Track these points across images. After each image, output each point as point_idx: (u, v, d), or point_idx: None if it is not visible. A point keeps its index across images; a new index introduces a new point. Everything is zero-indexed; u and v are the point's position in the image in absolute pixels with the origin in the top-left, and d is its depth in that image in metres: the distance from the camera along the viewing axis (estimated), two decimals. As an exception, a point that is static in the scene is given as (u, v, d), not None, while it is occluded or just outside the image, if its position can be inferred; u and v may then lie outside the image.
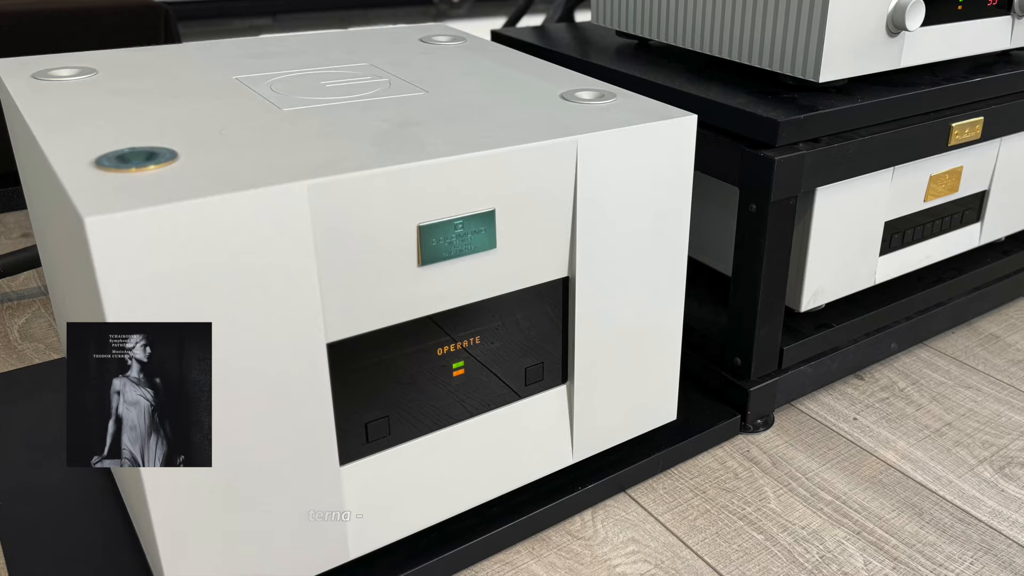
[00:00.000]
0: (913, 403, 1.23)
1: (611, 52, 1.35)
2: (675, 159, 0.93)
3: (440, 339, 0.86)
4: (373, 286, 0.78)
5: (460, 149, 0.80)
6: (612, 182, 0.89)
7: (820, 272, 1.16)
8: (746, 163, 1.05)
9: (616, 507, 1.03)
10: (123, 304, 0.65)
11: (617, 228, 0.91)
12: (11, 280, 1.54)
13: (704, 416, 1.14)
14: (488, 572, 0.94)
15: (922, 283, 1.34)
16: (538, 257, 0.88)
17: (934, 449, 1.13)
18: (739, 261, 1.10)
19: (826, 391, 1.26)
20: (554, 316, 0.92)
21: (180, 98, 0.91)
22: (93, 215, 0.63)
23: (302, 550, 0.81)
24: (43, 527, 0.93)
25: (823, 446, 1.14)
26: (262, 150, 0.77)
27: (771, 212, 1.04)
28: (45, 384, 1.17)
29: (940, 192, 1.27)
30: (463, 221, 0.81)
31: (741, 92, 1.12)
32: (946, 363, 1.32)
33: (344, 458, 0.83)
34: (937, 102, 1.17)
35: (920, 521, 1.01)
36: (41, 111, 0.86)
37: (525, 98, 0.95)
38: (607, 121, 0.89)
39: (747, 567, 0.95)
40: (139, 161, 0.73)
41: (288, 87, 0.96)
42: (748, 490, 1.06)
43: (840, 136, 1.08)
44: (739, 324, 1.13)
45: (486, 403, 0.92)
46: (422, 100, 0.93)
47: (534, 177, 0.84)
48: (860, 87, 1.14)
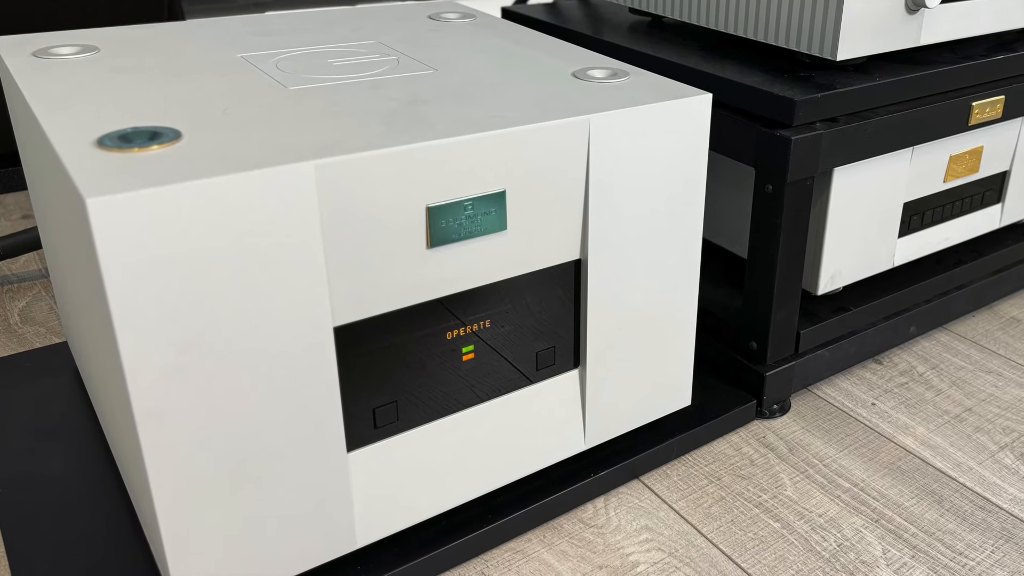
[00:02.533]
0: (933, 388, 1.22)
1: (624, 29, 1.35)
2: (689, 139, 0.92)
3: (449, 323, 0.85)
4: (381, 269, 0.78)
5: (470, 128, 0.79)
6: (625, 162, 0.88)
7: (837, 254, 1.16)
8: (762, 143, 1.04)
9: (629, 494, 1.03)
10: (126, 287, 0.65)
11: (630, 209, 0.91)
12: (11, 262, 1.54)
13: (719, 401, 1.14)
14: (498, 561, 0.94)
15: (942, 265, 1.33)
16: (550, 239, 0.87)
17: (954, 435, 1.13)
18: (755, 243, 1.10)
19: (844, 376, 1.25)
20: (566, 299, 0.92)
21: (184, 76, 0.91)
22: (95, 196, 0.63)
23: (308, 538, 0.81)
24: (43, 515, 0.93)
25: (841, 432, 1.13)
26: (267, 130, 0.77)
27: (787, 193, 1.04)
28: (46, 368, 1.17)
29: (960, 173, 1.26)
30: (473, 202, 0.80)
31: (757, 70, 1.12)
32: (966, 347, 1.32)
33: (351, 444, 0.83)
34: (957, 80, 1.17)
35: (940, 509, 1.01)
36: (42, 90, 0.85)
37: (536, 76, 0.94)
38: (620, 100, 0.88)
39: (763, 555, 0.94)
40: (142, 141, 0.72)
41: (294, 65, 0.96)
42: (764, 477, 1.06)
43: (858, 115, 1.07)
44: (755, 307, 1.13)
45: (496, 388, 0.92)
46: (431, 78, 0.93)
47: (545, 157, 0.83)
48: (878, 65, 1.13)
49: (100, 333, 0.73)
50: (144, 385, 0.68)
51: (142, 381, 0.68)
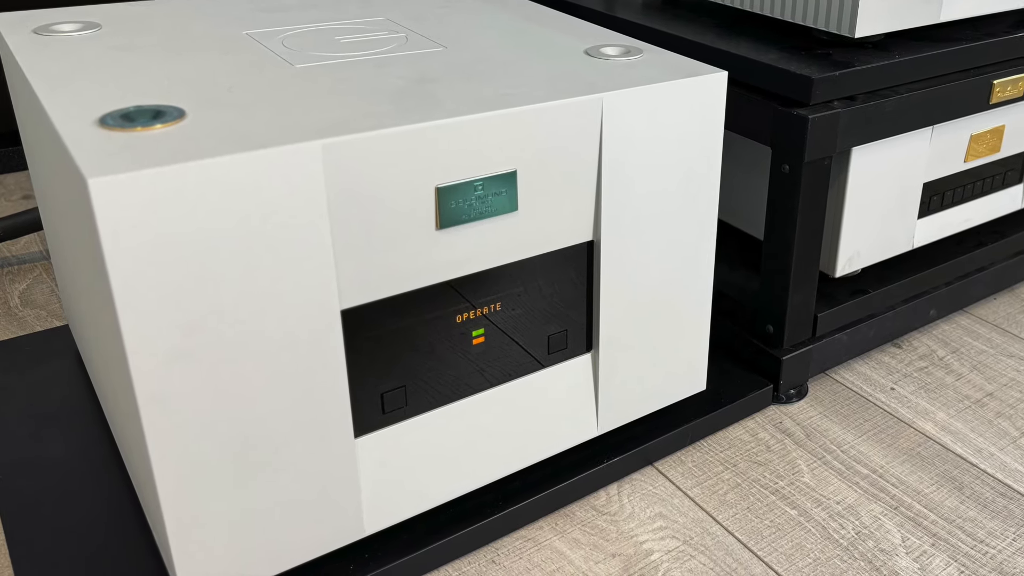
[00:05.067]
0: (953, 372, 1.22)
1: (637, 6, 1.34)
2: (704, 118, 0.92)
3: (459, 306, 0.85)
4: (389, 250, 0.78)
5: (480, 107, 0.79)
6: (639, 142, 0.88)
7: (856, 236, 1.15)
8: (778, 122, 1.04)
9: (643, 481, 1.02)
10: (128, 269, 0.65)
11: (644, 190, 0.90)
12: (12, 244, 1.54)
13: (735, 386, 1.13)
14: (509, 549, 0.93)
15: (962, 247, 1.32)
16: (561, 220, 0.87)
17: (975, 420, 1.12)
18: (771, 224, 1.09)
19: (862, 360, 1.25)
20: (578, 282, 0.92)
21: (188, 54, 0.90)
22: (97, 176, 0.62)
23: (315, 526, 0.81)
24: (44, 501, 0.93)
25: (859, 417, 1.13)
26: (273, 108, 0.76)
27: (804, 173, 1.03)
28: (47, 352, 1.17)
29: (981, 152, 1.25)
30: (483, 182, 0.80)
31: (773, 48, 1.11)
32: (987, 331, 1.31)
33: (359, 430, 0.83)
34: (978, 58, 1.16)
35: (960, 496, 1.01)
36: (43, 68, 0.85)
37: (548, 54, 0.94)
38: (633, 78, 0.88)
39: (780, 543, 0.94)
40: (145, 120, 0.72)
41: (301, 42, 0.95)
42: (781, 463, 1.05)
43: (877, 94, 1.06)
44: (771, 290, 1.12)
45: (507, 372, 0.91)
46: (440, 56, 0.92)
47: (557, 136, 0.83)
48: (898, 42, 1.13)
49: (102, 316, 0.73)
50: (147, 369, 0.68)
51: (145, 365, 0.67)
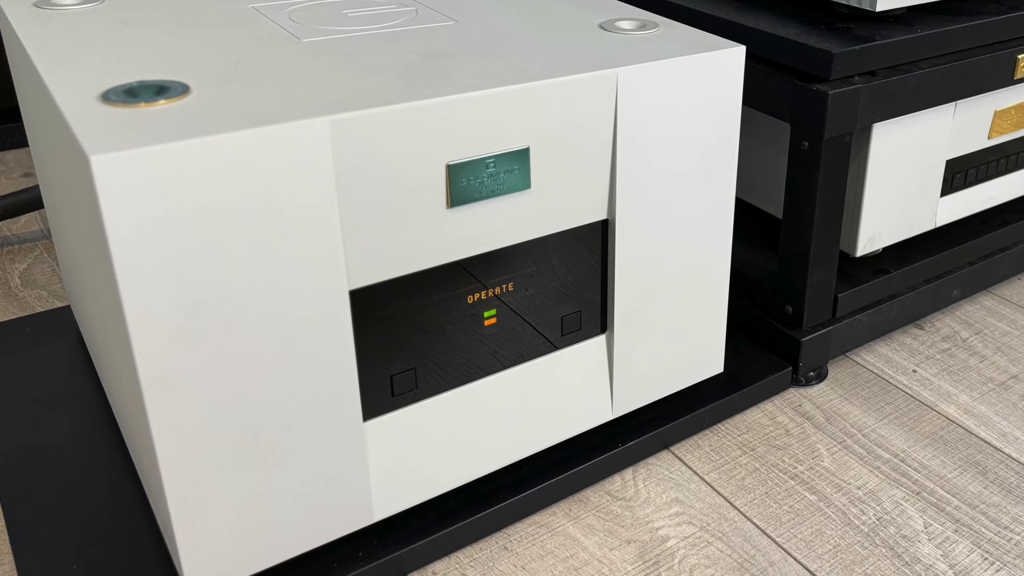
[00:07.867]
0: (976, 354, 1.21)
1: (652, -22, 1.34)
2: (722, 93, 0.91)
3: (470, 286, 0.85)
4: (399, 229, 0.77)
5: (492, 83, 0.78)
6: (655, 118, 0.87)
7: (877, 214, 1.15)
8: (798, 97, 1.03)
9: (659, 466, 1.02)
10: (131, 248, 0.65)
11: (660, 167, 0.90)
12: (12, 223, 1.55)
13: (753, 368, 1.13)
14: (522, 535, 0.93)
15: (986, 226, 1.32)
16: (575, 198, 0.87)
17: (999, 403, 1.12)
18: (790, 202, 1.09)
19: (883, 341, 1.24)
20: (592, 261, 0.91)
21: (192, 28, 0.90)
22: (99, 153, 0.62)
23: (323, 511, 0.81)
24: (45, 486, 0.93)
25: (880, 400, 1.13)
26: (280, 84, 0.76)
27: (824, 150, 1.03)
28: (48, 333, 1.17)
29: (1006, 128, 1.24)
30: (495, 160, 0.80)
31: (792, 22, 1.10)
32: (1012, 311, 1.31)
33: (368, 413, 0.83)
34: (1003, 32, 1.15)
35: (984, 480, 1.00)
36: (44, 42, 0.85)
37: (561, 28, 0.93)
38: (649, 53, 0.87)
39: (799, 529, 0.94)
40: (148, 95, 0.72)
41: (308, 16, 0.95)
42: (800, 447, 1.05)
43: (898, 69, 1.06)
44: (790, 270, 1.12)
45: (519, 354, 0.91)
46: (451, 30, 0.92)
47: (571, 112, 0.82)
48: (920, 16, 1.12)
49: (105, 296, 0.73)
50: (151, 351, 0.68)
51: (149, 346, 0.67)
